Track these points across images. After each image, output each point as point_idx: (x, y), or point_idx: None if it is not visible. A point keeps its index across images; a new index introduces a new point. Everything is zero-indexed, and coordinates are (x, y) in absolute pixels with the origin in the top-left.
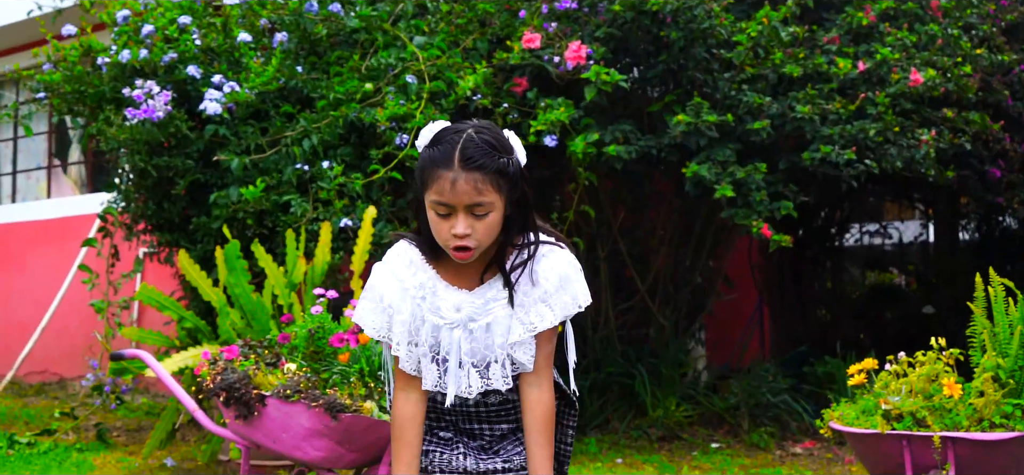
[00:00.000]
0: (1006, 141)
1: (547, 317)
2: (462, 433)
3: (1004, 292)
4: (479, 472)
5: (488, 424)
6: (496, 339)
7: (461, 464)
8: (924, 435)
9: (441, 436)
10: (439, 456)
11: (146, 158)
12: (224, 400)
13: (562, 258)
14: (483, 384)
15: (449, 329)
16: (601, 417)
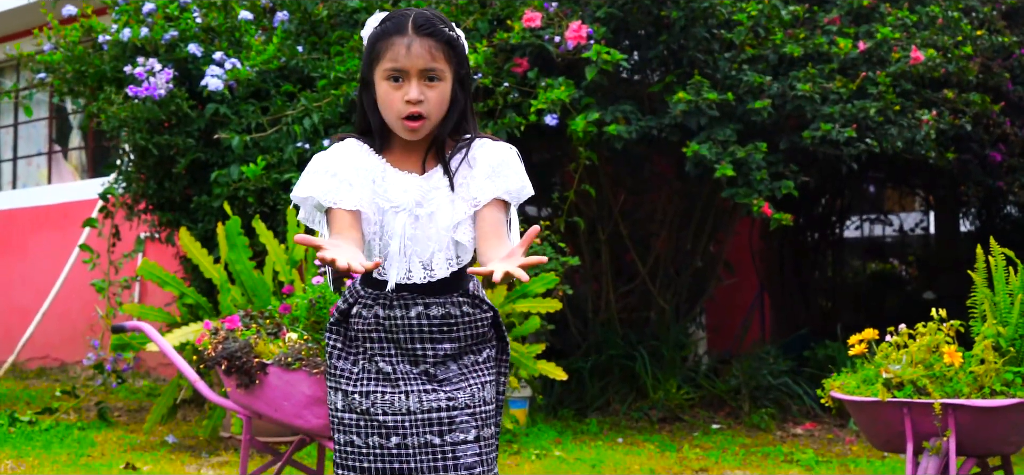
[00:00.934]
0: (1006, 125)
1: (487, 190)
2: (405, 355)
3: (1005, 261)
4: (423, 410)
5: (431, 343)
6: (440, 224)
7: (403, 403)
8: (925, 402)
9: (382, 369)
10: (381, 397)
11: (147, 136)
12: (225, 369)
13: (500, 146)
14: (426, 275)
15: (394, 213)
16: (602, 399)
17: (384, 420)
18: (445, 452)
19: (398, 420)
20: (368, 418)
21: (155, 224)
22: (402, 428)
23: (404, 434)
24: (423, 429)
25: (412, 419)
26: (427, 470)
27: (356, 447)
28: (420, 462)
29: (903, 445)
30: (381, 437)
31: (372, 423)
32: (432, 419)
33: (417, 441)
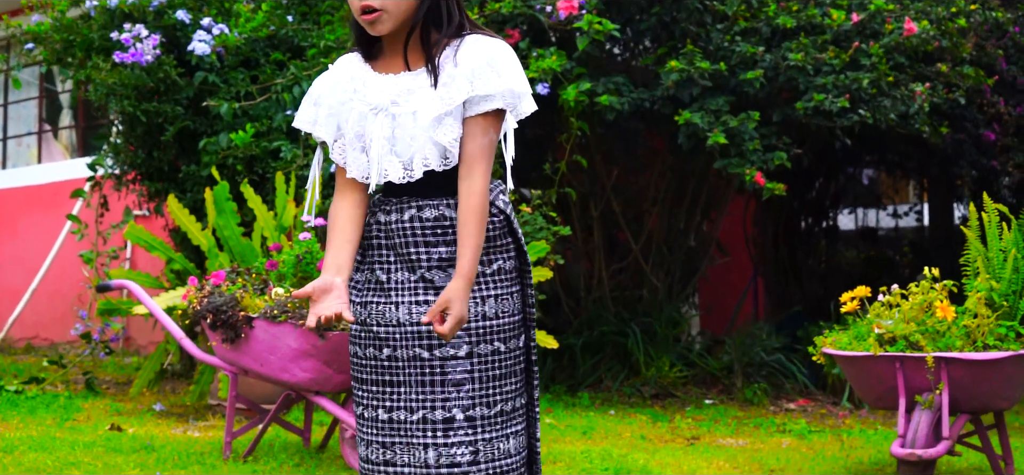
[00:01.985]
0: (1000, 104)
1: (462, 89)
2: (402, 261)
3: (998, 218)
4: (412, 323)
5: (425, 246)
6: (421, 124)
7: (394, 315)
8: (917, 356)
9: (379, 278)
10: (376, 308)
11: (135, 103)
12: (211, 323)
13: (493, 43)
14: (405, 175)
15: (373, 114)
16: (594, 376)
17: (378, 332)
18: (433, 367)
19: (389, 332)
20: (365, 329)
21: (144, 195)
22: (393, 340)
23: (395, 346)
24: (412, 342)
25: (402, 331)
26: (414, 384)
27: (359, 357)
28: (408, 375)
29: (895, 401)
30: (375, 348)
31: (368, 334)
32: (421, 332)
33: (406, 354)
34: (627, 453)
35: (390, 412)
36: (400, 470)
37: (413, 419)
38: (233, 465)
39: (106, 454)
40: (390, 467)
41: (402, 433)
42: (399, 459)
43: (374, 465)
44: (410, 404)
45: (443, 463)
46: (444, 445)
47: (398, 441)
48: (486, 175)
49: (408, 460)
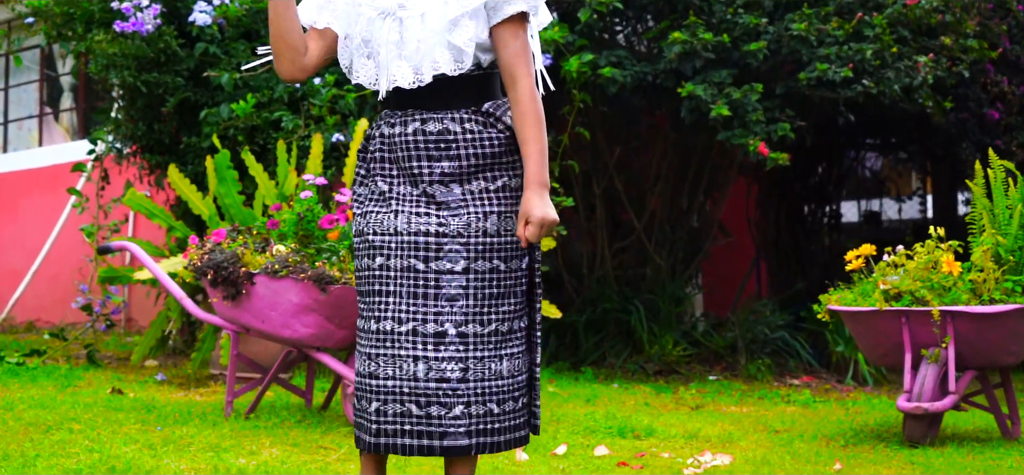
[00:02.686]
0: (1004, 83)
1: None
2: (404, 175)
3: (1004, 174)
4: (409, 232)
5: (428, 160)
6: (431, 26)
7: (391, 223)
8: (923, 310)
9: (380, 188)
10: (374, 217)
11: (135, 73)
12: (211, 279)
13: None
14: (415, 80)
15: (381, 18)
16: (597, 353)
17: (373, 240)
18: (427, 279)
19: (385, 240)
20: (362, 239)
21: (144, 168)
22: (387, 248)
23: (388, 255)
24: (407, 252)
25: (397, 240)
26: (406, 295)
27: (358, 270)
28: (399, 286)
29: (901, 358)
30: (370, 258)
31: (364, 244)
32: (418, 242)
33: (399, 264)
34: (631, 415)
35: (379, 323)
36: (382, 383)
37: (402, 330)
38: (234, 422)
39: (106, 412)
40: (373, 380)
41: (388, 344)
42: (382, 371)
43: (362, 378)
44: (399, 315)
45: (432, 378)
46: (434, 359)
47: (383, 352)
48: (529, 76)
49: (392, 373)
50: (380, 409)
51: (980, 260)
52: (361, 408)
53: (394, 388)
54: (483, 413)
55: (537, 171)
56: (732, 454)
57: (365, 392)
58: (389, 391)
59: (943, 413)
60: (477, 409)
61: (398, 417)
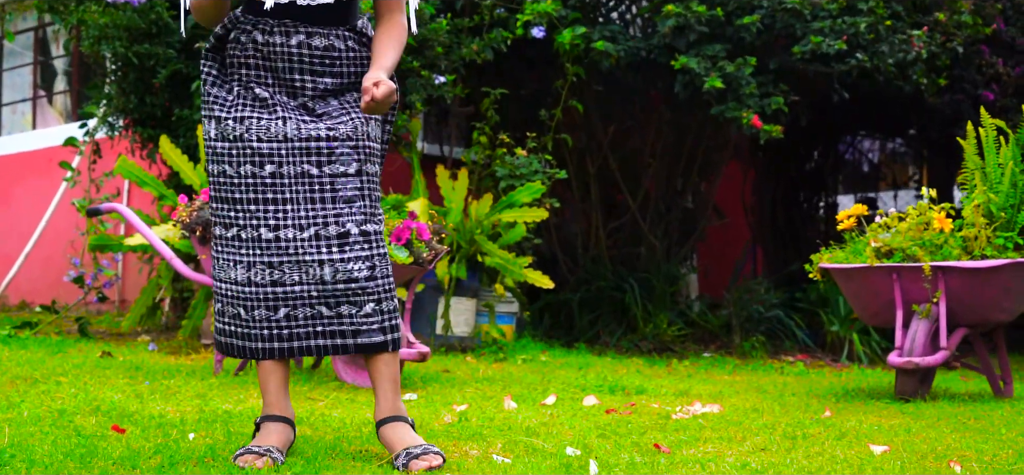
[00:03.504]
0: (999, 65)
1: None
2: (283, 86)
3: (995, 132)
4: (301, 138)
5: (311, 75)
6: None
7: (280, 130)
8: (914, 266)
9: (258, 95)
10: (257, 123)
11: (127, 44)
12: (200, 236)
13: None
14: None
15: None
16: (591, 331)
17: (259, 147)
18: (322, 184)
19: (274, 147)
20: (242, 145)
21: (137, 141)
22: (278, 156)
23: (280, 162)
24: (300, 158)
25: (288, 146)
26: (303, 201)
27: (229, 177)
28: (296, 193)
29: (893, 316)
30: (254, 165)
31: (246, 150)
32: (310, 148)
33: (293, 170)
34: (623, 377)
35: (276, 231)
36: (290, 289)
37: (304, 236)
38: (223, 378)
39: (95, 370)
40: (279, 287)
41: (291, 251)
42: (288, 278)
43: (258, 287)
44: (300, 221)
45: (339, 278)
46: (340, 260)
47: (286, 260)
48: (404, 15)
49: (298, 278)
50: (290, 314)
51: (971, 216)
52: (263, 317)
53: (303, 292)
54: (391, 309)
55: (390, 67)
56: (722, 405)
57: (267, 300)
58: (298, 296)
59: (934, 370)
60: (387, 305)
61: (309, 320)
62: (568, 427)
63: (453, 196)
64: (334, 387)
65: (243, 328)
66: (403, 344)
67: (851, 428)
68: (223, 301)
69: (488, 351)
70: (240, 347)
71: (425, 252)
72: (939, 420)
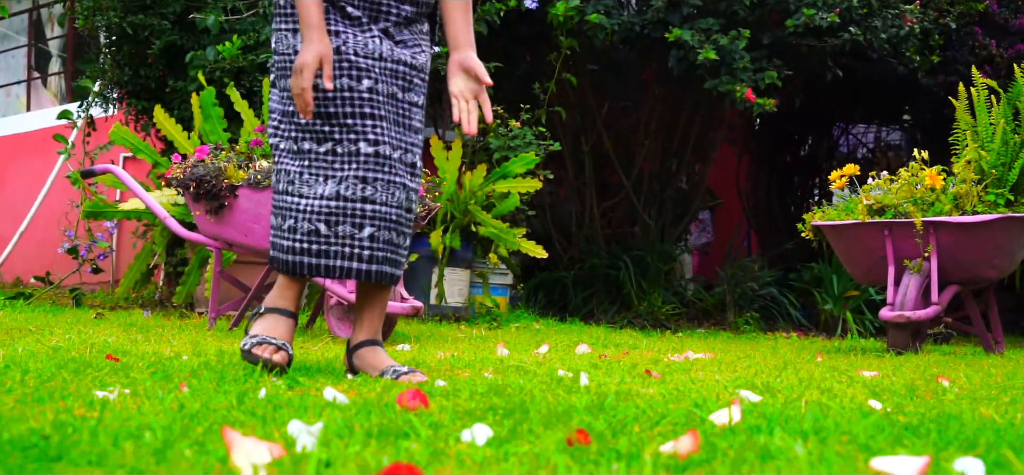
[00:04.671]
0: (992, 46)
1: None
2: (369, 7)
3: (987, 92)
4: (392, 59)
5: (396, 1)
6: None
7: (376, 47)
8: (906, 221)
9: (350, 13)
10: (353, 38)
11: (121, 14)
12: (194, 192)
13: None
14: None
15: None
16: (585, 309)
17: (356, 61)
18: (403, 109)
19: (370, 64)
20: (338, 57)
21: (131, 114)
22: (374, 72)
23: (375, 79)
24: (390, 79)
25: (382, 65)
26: (392, 122)
27: (321, 90)
28: (388, 112)
29: (885, 274)
30: (351, 78)
31: (343, 63)
32: (398, 71)
33: (385, 89)
34: (616, 338)
35: (375, 146)
36: (378, 209)
37: (394, 156)
38: (217, 333)
39: (90, 325)
40: (368, 204)
41: (386, 169)
42: (379, 196)
43: (347, 201)
44: (392, 141)
45: (407, 206)
46: (412, 189)
47: (380, 177)
48: None
49: (385, 198)
50: (374, 234)
51: (962, 172)
52: (346, 233)
53: (387, 214)
54: None
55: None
56: (714, 353)
57: (354, 216)
58: (383, 216)
59: (926, 326)
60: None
61: (385, 244)
62: (560, 364)
63: (447, 167)
64: (328, 340)
65: (320, 244)
66: (396, 299)
67: (841, 365)
68: (298, 217)
69: (482, 320)
70: (314, 265)
71: (419, 208)
72: (929, 363)
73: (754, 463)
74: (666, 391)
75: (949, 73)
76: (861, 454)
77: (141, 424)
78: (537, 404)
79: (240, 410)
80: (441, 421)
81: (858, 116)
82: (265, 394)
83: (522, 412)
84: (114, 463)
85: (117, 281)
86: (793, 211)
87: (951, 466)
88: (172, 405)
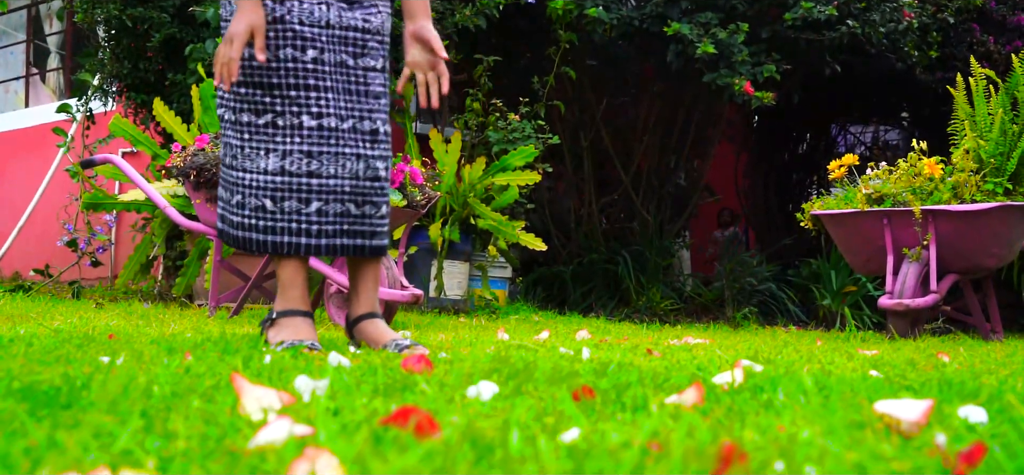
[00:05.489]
0: (990, 42)
1: None
2: None
3: (986, 82)
4: (341, 26)
5: None
6: None
7: (323, 15)
8: (905, 210)
9: None
10: (298, 6)
11: (121, 7)
12: (194, 180)
13: None
14: None
15: None
16: (584, 304)
17: (301, 31)
18: (357, 75)
19: (316, 32)
20: (282, 27)
21: (130, 107)
22: (319, 41)
23: (321, 48)
24: (338, 46)
25: (330, 33)
26: (341, 91)
27: (277, 60)
28: (335, 82)
29: (883, 263)
30: (295, 49)
31: (287, 32)
32: (347, 37)
33: (333, 58)
34: (615, 328)
35: (318, 119)
36: (325, 182)
37: (344, 127)
38: (218, 319)
39: (90, 312)
40: (314, 178)
41: (332, 141)
42: (325, 169)
43: (292, 176)
44: (340, 112)
45: (368, 175)
46: (370, 156)
47: (326, 150)
48: None
49: (334, 171)
50: (322, 209)
51: (961, 162)
52: (292, 209)
53: (337, 187)
54: (388, 214)
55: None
56: (713, 340)
57: (300, 191)
58: (331, 190)
59: (925, 315)
60: (387, 209)
61: (338, 217)
62: (562, 345)
63: (446, 160)
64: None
65: (267, 220)
66: (396, 286)
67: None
68: (245, 192)
69: (481, 312)
70: (261, 241)
71: (419, 196)
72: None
73: (759, 411)
74: (668, 363)
75: (947, 69)
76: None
77: (149, 380)
78: (542, 367)
79: (246, 372)
80: (446, 381)
81: (856, 115)
82: (270, 361)
83: (527, 374)
84: (124, 410)
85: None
86: (791, 209)
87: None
88: (178, 369)
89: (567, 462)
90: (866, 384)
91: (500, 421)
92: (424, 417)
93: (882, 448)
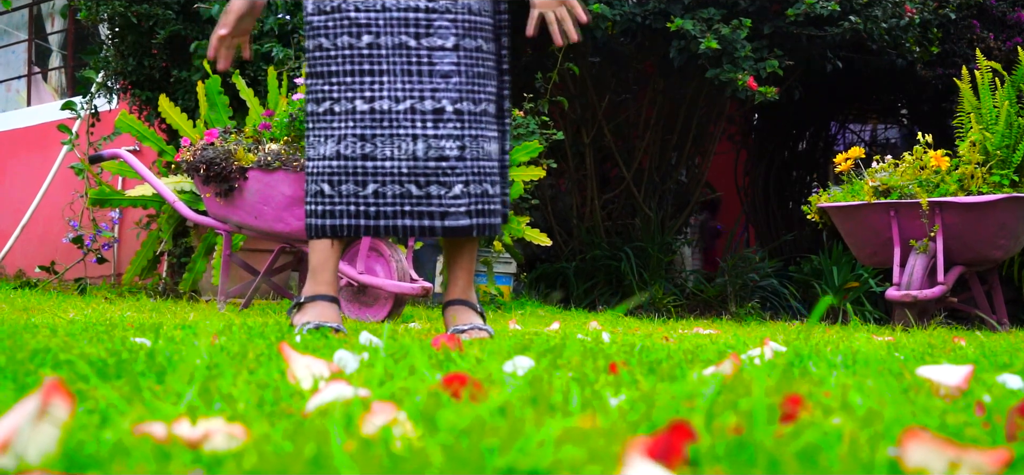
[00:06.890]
0: (990, 39)
1: None
2: None
3: (991, 74)
4: (399, 8)
5: None
6: None
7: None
8: (912, 202)
9: None
10: None
11: (125, 4)
12: (203, 175)
13: None
14: None
15: None
16: (586, 301)
17: (356, 17)
18: (420, 56)
19: (371, 17)
20: (339, 15)
21: (135, 104)
22: (376, 26)
23: (377, 32)
24: (398, 28)
25: (386, 16)
26: (400, 73)
27: (325, 50)
28: (392, 64)
29: (891, 255)
30: (351, 35)
31: (343, 21)
32: (408, 18)
33: (390, 41)
34: (616, 321)
35: (371, 103)
36: (381, 164)
37: (399, 109)
38: (227, 313)
39: (99, 304)
40: (369, 161)
41: (385, 123)
42: (379, 152)
43: (347, 160)
44: (395, 94)
45: (431, 155)
46: (433, 136)
47: (379, 133)
48: None
49: (390, 153)
50: (378, 191)
51: (967, 154)
52: (349, 192)
53: (393, 169)
54: (479, 193)
55: None
56: (718, 329)
57: (355, 174)
58: (387, 172)
59: (932, 306)
60: (474, 188)
61: (397, 198)
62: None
63: None
64: None
65: (326, 205)
66: (406, 279)
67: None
68: (309, 181)
69: (487, 307)
70: (319, 226)
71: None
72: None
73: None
74: (688, 345)
75: (947, 66)
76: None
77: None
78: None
79: None
80: (481, 357)
81: (855, 112)
82: (301, 341)
83: (558, 351)
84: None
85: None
86: (791, 206)
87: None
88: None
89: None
90: (895, 360)
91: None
92: (476, 383)
93: (934, 403)
